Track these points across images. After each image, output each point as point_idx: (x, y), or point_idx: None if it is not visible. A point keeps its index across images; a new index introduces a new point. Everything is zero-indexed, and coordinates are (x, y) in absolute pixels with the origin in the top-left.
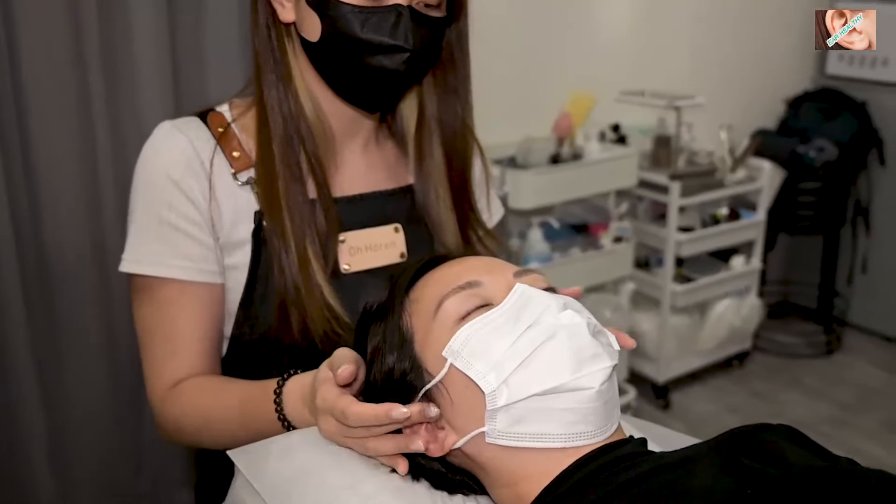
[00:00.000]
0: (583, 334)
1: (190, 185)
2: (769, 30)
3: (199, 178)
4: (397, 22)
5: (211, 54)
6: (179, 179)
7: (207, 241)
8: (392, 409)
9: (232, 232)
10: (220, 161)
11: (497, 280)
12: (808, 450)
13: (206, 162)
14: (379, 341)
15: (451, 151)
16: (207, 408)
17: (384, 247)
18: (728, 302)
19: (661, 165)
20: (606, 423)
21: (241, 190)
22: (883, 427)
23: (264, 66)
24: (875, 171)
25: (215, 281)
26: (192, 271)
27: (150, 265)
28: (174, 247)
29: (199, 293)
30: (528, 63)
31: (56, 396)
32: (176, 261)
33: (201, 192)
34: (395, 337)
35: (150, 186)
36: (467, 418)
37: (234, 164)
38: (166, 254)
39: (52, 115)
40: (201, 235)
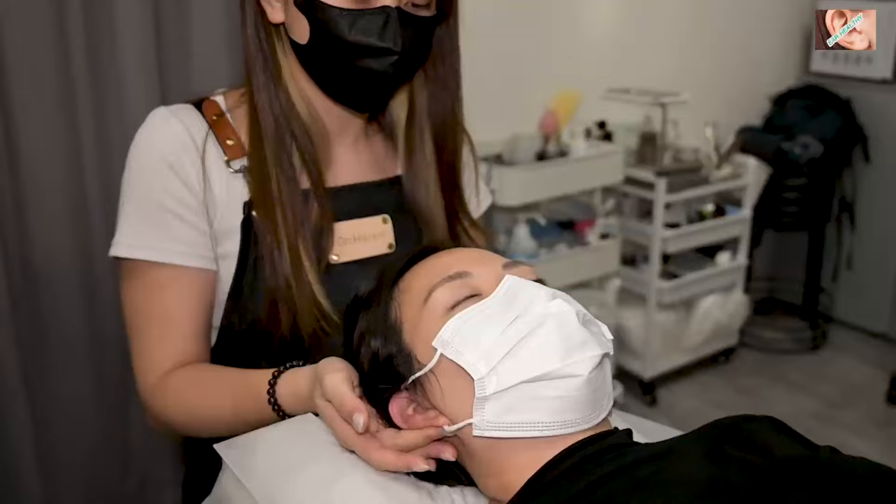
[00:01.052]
0: (571, 322)
1: (186, 169)
2: (754, 27)
3: (195, 163)
4: (385, 24)
5: (197, 50)
6: (175, 163)
7: (202, 226)
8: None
9: (224, 220)
10: (214, 148)
11: (486, 271)
12: (792, 439)
13: (201, 148)
14: (366, 328)
15: (441, 145)
16: (198, 403)
17: (372, 237)
18: (714, 298)
19: (646, 162)
20: (594, 412)
21: (233, 178)
22: (868, 422)
23: (254, 65)
24: (860, 168)
25: (209, 267)
26: (187, 256)
27: (145, 249)
28: (169, 231)
29: (193, 278)
30: (514, 61)
31: (42, 397)
32: (171, 245)
33: (196, 178)
34: (383, 325)
35: (146, 170)
36: (458, 407)
37: (228, 152)
38: (161, 238)
39: (36, 112)
40: (197, 221)
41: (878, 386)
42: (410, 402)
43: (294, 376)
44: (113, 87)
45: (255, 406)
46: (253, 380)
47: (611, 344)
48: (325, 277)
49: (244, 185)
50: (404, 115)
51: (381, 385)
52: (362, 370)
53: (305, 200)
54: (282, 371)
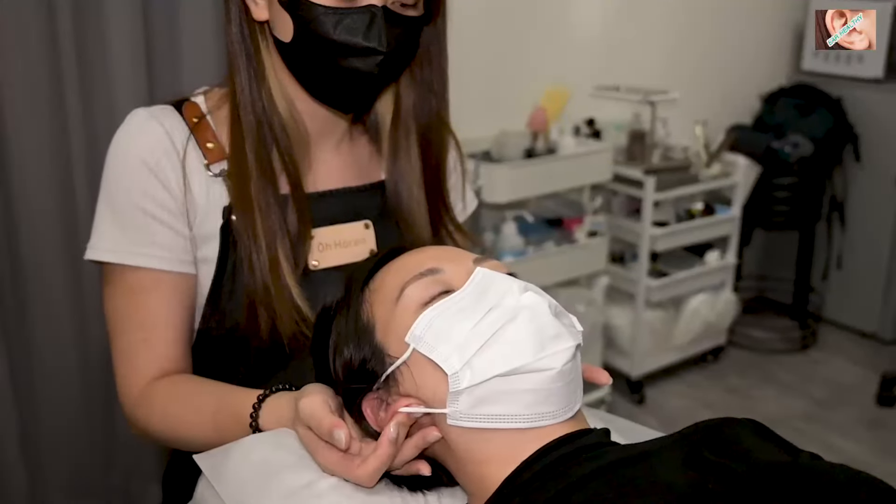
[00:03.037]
0: (544, 314)
1: (166, 172)
2: (744, 25)
3: (175, 166)
4: (371, 23)
5: (185, 49)
6: (155, 166)
7: (182, 230)
8: (388, 434)
9: (203, 224)
10: (194, 151)
11: (457, 267)
12: (773, 444)
13: (181, 151)
14: (338, 337)
15: (427, 147)
16: (180, 420)
17: (354, 243)
18: (703, 297)
19: (635, 160)
20: (568, 404)
21: (213, 182)
22: (857, 422)
23: (237, 63)
24: (850, 167)
25: (189, 271)
26: (167, 260)
27: (124, 254)
28: (148, 235)
29: (174, 283)
30: (503, 57)
31: (27, 392)
32: (151, 249)
33: (176, 182)
34: (354, 328)
35: (124, 172)
36: (430, 401)
37: (208, 155)
38: (140, 242)
39: (25, 111)
40: (176, 224)
41: (868, 386)
42: (381, 402)
43: (277, 402)
44: (102, 87)
45: (237, 429)
46: (236, 401)
47: (580, 334)
48: (306, 283)
49: (224, 189)
50: (389, 116)
51: (356, 386)
52: (338, 380)
53: (285, 205)
54: (267, 395)
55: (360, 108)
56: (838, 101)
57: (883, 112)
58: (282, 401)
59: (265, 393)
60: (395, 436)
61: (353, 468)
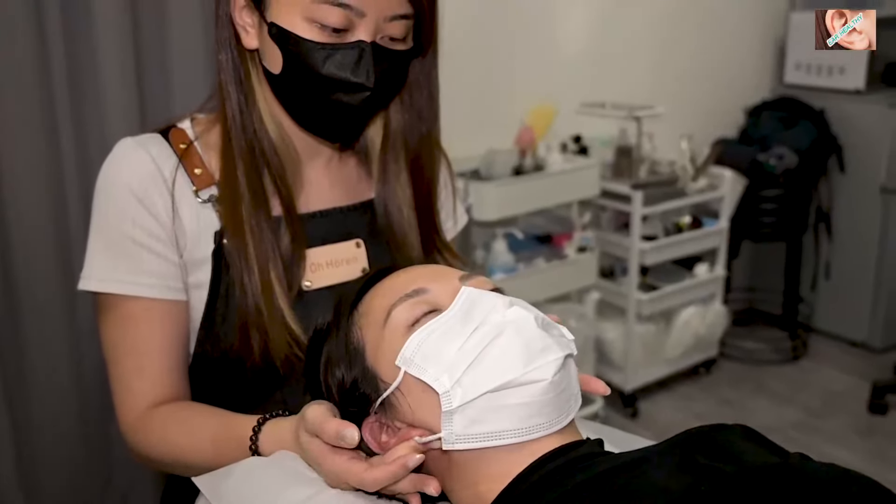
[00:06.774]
0: (531, 328)
1: (153, 200)
2: (727, 40)
3: (163, 194)
4: (360, 59)
5: (176, 67)
6: (143, 195)
7: (172, 257)
8: (407, 459)
9: (194, 250)
10: (182, 178)
11: (443, 286)
12: (763, 447)
13: (169, 179)
14: (329, 359)
15: (417, 169)
16: (179, 445)
17: (346, 262)
18: (693, 310)
19: (623, 175)
20: (560, 415)
21: (202, 208)
22: (849, 431)
23: (228, 87)
24: (835, 177)
25: (180, 298)
26: (157, 289)
27: (114, 283)
28: (138, 263)
29: (166, 310)
30: (490, 76)
31: (23, 411)
32: (141, 278)
33: (164, 209)
34: (344, 351)
35: (113, 202)
36: (428, 422)
37: (196, 182)
38: (130, 271)
39: (16, 128)
40: (166, 252)
41: (860, 395)
42: (382, 426)
43: (277, 425)
44: (93, 107)
45: (237, 453)
46: (235, 425)
47: (572, 344)
48: (299, 304)
49: (214, 214)
50: (379, 139)
51: (350, 410)
52: (334, 402)
53: (277, 227)
54: (266, 419)
55: (348, 139)
56: (821, 112)
57: (865, 122)
58: (282, 424)
59: (265, 416)
60: (412, 466)
61: (360, 471)
